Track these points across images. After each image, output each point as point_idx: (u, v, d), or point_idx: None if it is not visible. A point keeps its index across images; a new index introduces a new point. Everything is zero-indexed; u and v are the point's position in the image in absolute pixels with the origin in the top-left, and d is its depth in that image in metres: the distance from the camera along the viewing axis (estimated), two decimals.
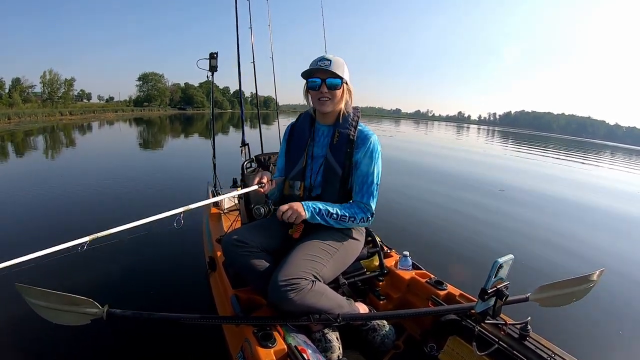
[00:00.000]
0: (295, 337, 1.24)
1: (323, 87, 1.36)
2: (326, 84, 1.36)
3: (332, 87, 1.36)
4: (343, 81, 1.38)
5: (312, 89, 1.39)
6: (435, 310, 1.44)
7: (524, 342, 1.22)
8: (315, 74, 1.37)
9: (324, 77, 1.35)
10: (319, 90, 1.37)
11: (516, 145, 26.29)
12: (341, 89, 1.39)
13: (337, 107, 1.42)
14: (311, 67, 1.37)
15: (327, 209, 1.35)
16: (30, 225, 3.47)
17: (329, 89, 1.36)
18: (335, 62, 1.35)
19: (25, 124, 20.57)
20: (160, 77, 65.50)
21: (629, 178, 12.91)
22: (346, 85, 1.40)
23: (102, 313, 1.32)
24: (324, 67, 1.34)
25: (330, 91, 1.37)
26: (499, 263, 1.10)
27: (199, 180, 4.57)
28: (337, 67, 1.36)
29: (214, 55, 3.13)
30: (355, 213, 1.38)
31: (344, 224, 1.38)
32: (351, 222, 1.38)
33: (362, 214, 1.38)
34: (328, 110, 1.40)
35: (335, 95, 1.38)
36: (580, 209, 6.24)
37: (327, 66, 1.34)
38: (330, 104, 1.39)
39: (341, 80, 1.37)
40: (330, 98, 1.38)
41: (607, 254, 3.90)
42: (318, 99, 1.39)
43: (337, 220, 1.36)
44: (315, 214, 1.34)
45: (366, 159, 1.40)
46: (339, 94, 1.39)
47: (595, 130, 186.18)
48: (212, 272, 1.95)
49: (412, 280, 1.69)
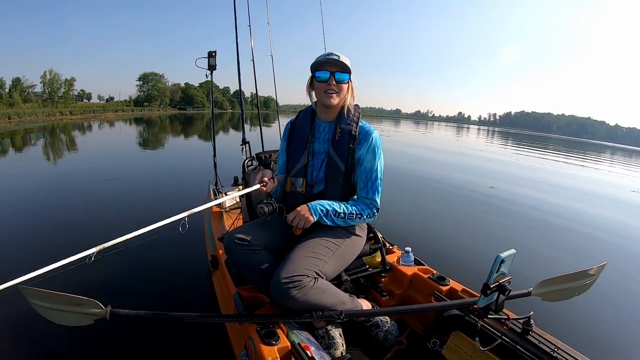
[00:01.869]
0: (299, 334, 1.24)
1: (331, 80, 1.37)
2: (335, 77, 1.37)
3: (340, 81, 1.38)
4: (350, 77, 1.40)
5: (320, 81, 1.39)
6: (438, 305, 1.44)
7: (526, 336, 1.22)
8: (324, 67, 1.38)
9: (333, 70, 1.37)
10: (327, 83, 1.38)
11: (516, 145, 26.29)
12: (348, 84, 1.41)
13: (341, 103, 1.43)
14: (320, 59, 1.38)
15: (334, 208, 1.35)
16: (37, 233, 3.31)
17: (337, 82, 1.37)
18: (342, 58, 1.38)
19: (25, 124, 20.59)
20: (160, 77, 65.48)
21: (629, 176, 12.90)
22: (351, 82, 1.42)
23: (105, 313, 1.33)
24: (335, 58, 1.35)
25: (338, 85, 1.38)
26: (501, 258, 1.10)
27: (200, 179, 4.57)
28: (345, 62, 1.37)
29: (212, 53, 3.12)
30: (362, 209, 1.39)
31: (351, 221, 1.38)
32: (358, 219, 1.38)
33: (368, 210, 1.39)
34: (334, 103, 1.41)
35: (342, 90, 1.40)
36: (581, 204, 6.24)
37: (338, 58, 1.36)
38: (336, 97, 1.40)
39: (349, 75, 1.39)
40: (337, 92, 1.39)
41: (609, 248, 3.90)
42: (325, 91, 1.39)
43: (345, 219, 1.37)
44: (323, 215, 1.34)
45: (369, 155, 1.41)
46: (346, 88, 1.41)
47: (595, 130, 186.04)
48: (215, 270, 1.95)
49: (414, 276, 1.69)
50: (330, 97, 1.39)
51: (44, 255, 2.75)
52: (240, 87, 3.04)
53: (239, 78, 2.95)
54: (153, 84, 64.44)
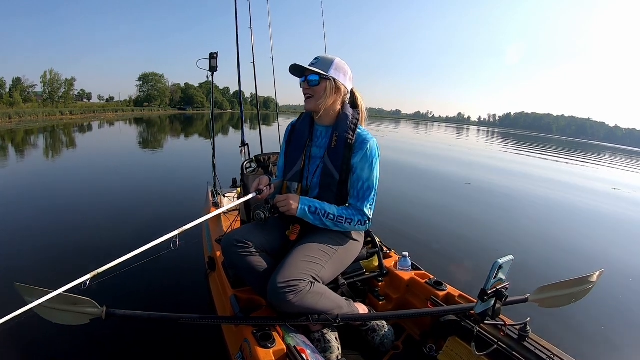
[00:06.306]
0: (295, 337, 1.24)
1: (304, 84, 1.38)
2: (307, 81, 1.37)
3: (313, 84, 1.37)
4: (322, 77, 1.35)
5: (300, 85, 1.41)
6: (435, 310, 1.44)
7: (523, 342, 1.22)
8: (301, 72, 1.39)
9: (307, 74, 1.37)
10: (303, 87, 1.40)
11: (516, 147, 26.30)
12: (321, 85, 1.36)
13: (321, 106, 1.38)
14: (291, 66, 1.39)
15: (324, 208, 1.34)
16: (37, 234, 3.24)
17: (310, 85, 1.37)
18: (321, 60, 1.37)
19: (26, 123, 20.59)
20: (160, 77, 65.60)
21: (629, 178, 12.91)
22: (329, 82, 1.36)
23: (101, 313, 1.32)
24: (299, 64, 1.36)
25: (312, 88, 1.37)
26: (499, 264, 1.10)
27: (198, 180, 4.56)
28: (322, 65, 1.36)
29: (214, 55, 3.14)
30: (353, 215, 1.36)
31: (340, 226, 1.36)
32: (348, 224, 1.36)
33: (359, 217, 1.37)
34: (310, 108, 1.40)
35: (316, 92, 1.37)
36: (580, 210, 6.24)
37: (313, 64, 1.36)
38: (312, 101, 1.39)
39: (318, 76, 1.35)
40: (312, 95, 1.38)
41: (607, 255, 3.89)
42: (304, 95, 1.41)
43: (334, 222, 1.35)
44: (309, 212, 1.32)
45: (362, 163, 1.37)
46: (320, 90, 1.37)
47: (594, 132, 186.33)
48: (212, 272, 1.95)
49: (411, 281, 1.69)
50: (307, 102, 1.40)
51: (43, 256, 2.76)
52: (240, 89, 3.04)
53: (239, 79, 2.96)
54: (153, 84, 64.54)
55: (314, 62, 1.38)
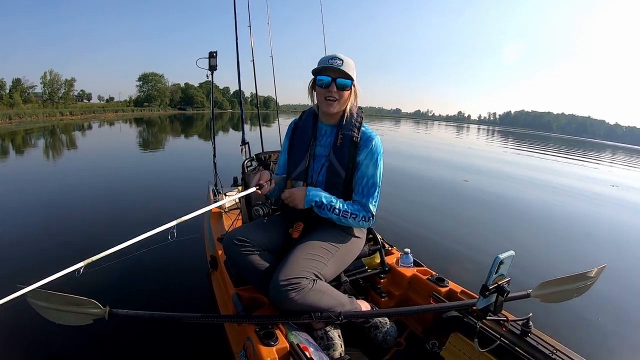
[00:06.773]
0: (298, 335, 1.24)
1: (332, 86, 1.33)
2: (336, 84, 1.32)
3: (342, 88, 1.33)
4: (352, 82, 1.35)
5: (321, 86, 1.35)
6: (437, 307, 1.44)
7: (525, 338, 1.22)
8: (325, 72, 1.34)
9: (334, 76, 1.32)
10: (327, 88, 1.33)
11: (516, 144, 26.28)
12: (350, 90, 1.36)
13: (342, 108, 1.39)
14: (322, 65, 1.34)
15: (330, 202, 1.35)
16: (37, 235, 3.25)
17: (339, 89, 1.33)
18: (346, 63, 1.33)
19: (26, 124, 20.59)
20: (160, 77, 65.50)
21: (628, 175, 12.90)
22: (354, 87, 1.38)
23: (103, 313, 1.33)
24: (336, 66, 1.31)
25: (339, 91, 1.34)
26: (500, 259, 1.10)
27: (199, 179, 4.57)
28: (349, 68, 1.33)
29: (213, 54, 3.13)
30: (358, 210, 1.37)
31: (345, 220, 1.36)
32: (352, 219, 1.36)
33: (364, 212, 1.37)
34: (334, 111, 1.37)
35: (342, 96, 1.35)
36: (582, 205, 6.24)
37: (339, 65, 1.31)
38: (336, 104, 1.36)
39: (351, 81, 1.34)
40: (338, 99, 1.35)
41: (609, 250, 3.89)
42: (325, 97, 1.35)
43: (339, 216, 1.35)
44: (316, 206, 1.35)
45: (367, 160, 1.38)
46: (347, 95, 1.36)
47: (595, 130, 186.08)
48: (214, 270, 1.95)
49: (413, 278, 1.69)
50: (330, 105, 1.36)
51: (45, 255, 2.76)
52: (240, 88, 3.04)
53: (238, 79, 2.96)
54: (153, 84, 64.46)
55: (339, 63, 1.31)
